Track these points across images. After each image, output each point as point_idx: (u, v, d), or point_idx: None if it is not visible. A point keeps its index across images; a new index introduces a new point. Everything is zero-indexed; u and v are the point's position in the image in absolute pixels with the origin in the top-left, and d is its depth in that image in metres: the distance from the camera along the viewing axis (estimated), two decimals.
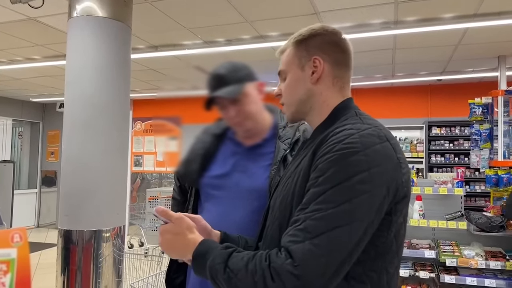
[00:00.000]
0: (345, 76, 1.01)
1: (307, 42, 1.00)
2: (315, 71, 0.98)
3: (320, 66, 0.98)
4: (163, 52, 4.90)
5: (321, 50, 0.98)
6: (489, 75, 6.01)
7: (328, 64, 0.98)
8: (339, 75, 1.00)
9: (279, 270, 0.79)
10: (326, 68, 0.98)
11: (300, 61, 1.00)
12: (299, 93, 1.01)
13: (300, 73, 1.00)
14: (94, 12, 2.71)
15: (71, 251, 2.57)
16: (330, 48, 0.99)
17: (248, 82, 1.39)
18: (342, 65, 1.00)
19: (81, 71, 2.69)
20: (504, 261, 3.19)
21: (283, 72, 1.04)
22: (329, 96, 0.99)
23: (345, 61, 1.01)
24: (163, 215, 0.96)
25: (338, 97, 1.00)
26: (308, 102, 1.00)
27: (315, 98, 1.00)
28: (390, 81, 6.74)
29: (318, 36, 0.99)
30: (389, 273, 0.89)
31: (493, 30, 4.10)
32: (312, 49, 0.99)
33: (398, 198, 0.86)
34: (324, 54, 0.98)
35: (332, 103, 0.99)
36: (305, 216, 0.82)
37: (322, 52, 0.98)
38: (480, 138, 4.01)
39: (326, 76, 0.99)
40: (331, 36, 1.00)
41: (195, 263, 0.91)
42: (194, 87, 7.12)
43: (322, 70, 0.98)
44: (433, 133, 6.61)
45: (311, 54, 0.99)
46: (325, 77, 0.99)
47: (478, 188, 6.31)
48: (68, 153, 2.68)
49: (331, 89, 0.99)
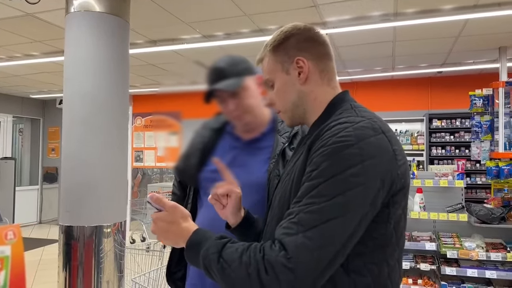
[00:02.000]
0: (329, 67, 1.01)
1: (284, 45, 0.99)
2: (301, 72, 0.98)
3: (305, 66, 0.98)
4: (162, 47, 4.88)
5: (300, 50, 0.98)
6: (489, 67, 5.98)
7: (311, 61, 0.98)
8: (324, 68, 1.00)
9: (273, 262, 0.79)
10: (311, 65, 0.98)
11: (283, 66, 1.00)
12: (291, 97, 1.00)
13: (287, 77, 1.00)
14: (92, 7, 2.70)
15: (72, 247, 2.58)
16: (308, 45, 0.99)
17: (248, 76, 1.39)
18: (323, 57, 1.00)
19: (79, 67, 2.68)
20: (505, 252, 3.20)
21: (269, 81, 1.04)
22: (320, 92, 0.99)
23: (325, 52, 1.00)
24: (157, 203, 0.96)
25: (328, 91, 1.00)
26: (302, 104, 1.00)
27: (307, 98, 1.00)
28: (390, 74, 6.71)
29: (292, 36, 0.99)
30: (390, 265, 0.89)
31: (494, 21, 4.07)
32: (291, 50, 0.99)
33: (395, 190, 0.85)
34: (305, 53, 0.98)
35: (324, 99, 0.99)
36: (299, 209, 0.82)
37: (302, 51, 0.98)
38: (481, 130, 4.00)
39: (313, 74, 0.99)
40: (305, 33, 0.99)
41: (188, 252, 0.92)
42: (193, 82, 7.10)
43: (308, 69, 0.98)
44: (434, 126, 6.59)
45: (292, 56, 0.98)
46: (312, 74, 0.99)
47: (479, 180, 6.31)
48: (68, 149, 2.68)
49: (320, 84, 0.99)
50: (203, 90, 1.39)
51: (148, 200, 0.98)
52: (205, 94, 1.38)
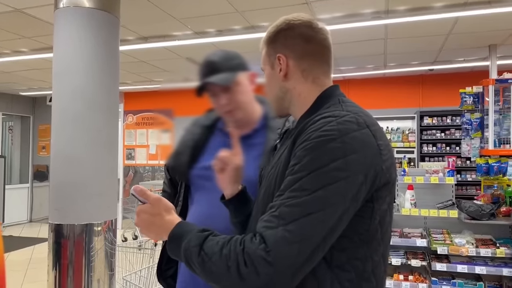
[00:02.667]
0: (316, 67, 0.99)
1: (274, 40, 1.01)
2: (281, 68, 0.99)
3: (283, 63, 0.98)
4: (153, 44, 4.84)
5: (284, 46, 0.98)
6: (480, 65, 6.04)
7: (292, 59, 0.98)
8: (307, 68, 0.98)
9: (252, 255, 0.79)
10: (291, 64, 0.98)
11: (270, 60, 1.02)
12: (275, 91, 1.02)
13: (272, 71, 1.01)
14: (81, 3, 2.66)
15: (62, 246, 2.56)
16: (293, 42, 0.98)
17: (241, 71, 1.39)
18: (309, 57, 0.98)
19: (68, 64, 2.65)
20: (494, 248, 3.24)
21: (263, 70, 1.06)
22: (303, 89, 0.99)
23: (313, 51, 0.98)
24: (141, 195, 0.95)
25: (313, 89, 0.99)
26: (286, 98, 1.01)
27: (291, 93, 1.00)
28: (382, 72, 6.74)
29: (281, 32, 0.99)
30: (375, 261, 0.88)
31: (484, 19, 4.11)
32: (278, 46, 0.99)
33: (379, 185, 0.85)
34: (288, 50, 0.98)
35: (309, 95, 0.99)
36: (280, 203, 0.82)
37: (286, 47, 0.98)
38: (471, 127, 4.03)
39: (293, 72, 0.98)
40: (295, 29, 0.98)
41: (170, 245, 0.91)
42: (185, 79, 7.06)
43: (286, 67, 0.98)
44: (425, 123, 6.65)
45: (276, 52, 0.99)
46: (292, 72, 0.98)
47: (469, 177, 6.38)
48: (57, 146, 2.65)
49: (303, 83, 0.99)
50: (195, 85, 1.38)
51: (132, 192, 0.97)
52: (197, 87, 1.37)
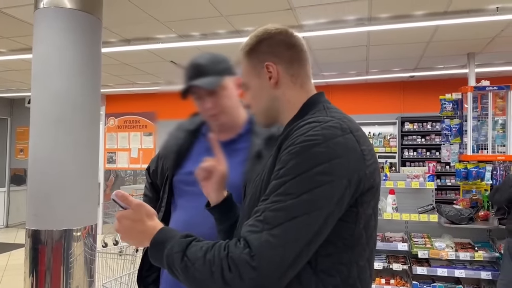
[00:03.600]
0: (302, 72, 1.00)
1: (256, 50, 1.00)
2: (271, 76, 0.98)
3: (274, 71, 0.98)
4: (136, 46, 4.79)
5: (270, 54, 0.99)
6: (459, 72, 6.19)
7: (280, 65, 0.98)
8: (295, 73, 0.99)
9: (237, 260, 0.78)
10: (280, 70, 0.98)
11: (255, 70, 1.01)
12: (264, 101, 1.02)
13: (259, 82, 1.01)
14: (62, 4, 2.61)
15: (39, 252, 2.48)
16: (278, 49, 0.99)
17: (227, 75, 1.38)
18: (294, 62, 0.99)
19: (48, 65, 2.59)
20: (473, 252, 3.30)
21: (245, 84, 1.05)
22: (292, 95, 1.00)
23: (297, 56, 1.00)
24: (122, 200, 0.93)
25: (301, 94, 1.00)
26: (275, 107, 1.01)
27: (280, 101, 1.00)
28: (364, 78, 6.84)
29: (264, 41, 1.00)
30: (360, 266, 0.89)
31: (463, 28, 4.21)
32: (262, 55, 0.99)
33: (363, 190, 0.86)
34: (275, 57, 0.98)
35: (297, 101, 0.99)
36: (265, 207, 0.82)
37: (272, 55, 0.98)
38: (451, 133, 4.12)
39: (283, 78, 0.99)
40: (276, 36, 0.99)
41: (152, 251, 0.89)
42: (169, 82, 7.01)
43: (277, 74, 0.98)
44: (406, 129, 6.76)
45: (262, 61, 0.99)
46: (282, 79, 0.99)
47: (448, 182, 6.51)
48: (36, 149, 2.58)
49: (292, 88, 0.99)
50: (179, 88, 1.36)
51: (112, 197, 0.93)
52: (182, 90, 1.36)
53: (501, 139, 3.90)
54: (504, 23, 4.06)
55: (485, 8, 3.73)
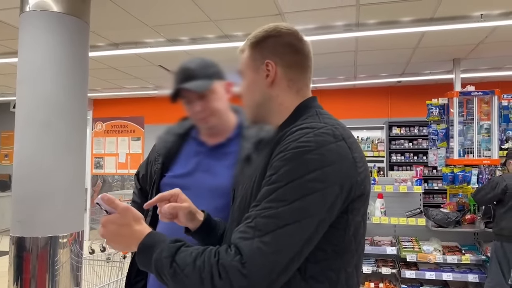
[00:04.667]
0: (301, 79, 0.99)
1: (261, 45, 0.99)
2: (268, 75, 0.97)
3: (272, 70, 0.96)
4: (124, 50, 4.75)
5: (274, 53, 0.97)
6: (445, 77, 6.29)
7: (280, 67, 0.97)
8: (293, 78, 0.98)
9: (227, 267, 0.77)
10: (279, 71, 0.97)
11: (255, 64, 0.99)
12: (255, 96, 1.00)
13: (255, 76, 0.99)
14: (49, 7, 2.58)
15: (24, 259, 2.43)
16: (283, 51, 0.97)
17: (217, 79, 1.38)
18: (296, 67, 0.98)
19: (33, 69, 2.55)
20: (460, 255, 3.34)
21: (241, 73, 1.04)
22: (286, 99, 0.99)
23: (300, 63, 0.98)
24: (108, 204, 0.90)
25: (295, 99, 0.99)
26: (266, 105, 0.99)
27: (272, 101, 0.99)
28: (352, 83, 6.90)
29: (271, 38, 0.98)
30: (348, 272, 0.88)
31: (448, 34, 4.29)
32: (266, 52, 0.98)
33: (354, 197, 0.86)
34: (277, 57, 0.97)
35: (290, 105, 0.98)
36: (256, 213, 0.81)
37: (275, 55, 0.97)
38: (437, 138, 4.18)
39: (280, 80, 0.97)
40: (284, 37, 0.98)
41: (140, 256, 0.88)
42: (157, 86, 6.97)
43: (275, 74, 0.97)
44: (393, 133, 6.83)
45: (264, 57, 0.97)
46: (279, 80, 0.97)
47: (435, 186, 6.58)
48: (21, 154, 2.53)
49: (287, 92, 0.98)
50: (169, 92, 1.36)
51: (97, 201, 0.90)
52: (172, 93, 1.36)
53: (486, 143, 3.97)
54: (488, 29, 4.15)
55: (470, 15, 3.81)
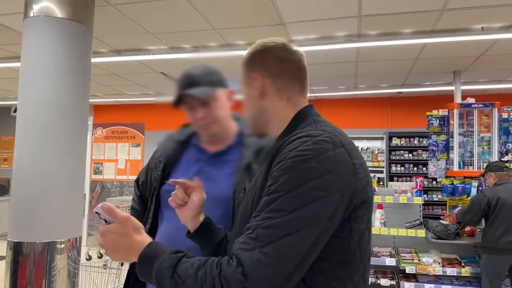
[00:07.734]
0: (290, 86, 1.00)
1: (249, 60, 1.04)
2: (257, 87, 1.01)
3: (258, 82, 1.00)
4: (127, 57, 4.77)
5: (260, 66, 1.01)
6: (445, 89, 6.31)
7: (268, 78, 1.00)
8: (282, 87, 1.00)
9: (230, 279, 0.76)
10: (267, 82, 1.00)
11: (247, 80, 1.04)
12: (251, 110, 1.04)
13: (249, 91, 1.04)
14: (53, 13, 2.60)
15: (21, 265, 2.41)
16: (268, 62, 1.00)
17: (220, 87, 1.39)
18: (284, 76, 1.00)
19: (36, 74, 2.55)
20: (459, 267, 3.32)
21: (240, 90, 1.09)
22: (278, 108, 1.00)
23: (287, 71, 1.00)
24: (108, 213, 0.89)
25: (288, 108, 1.00)
26: (262, 117, 1.02)
27: (266, 112, 1.02)
28: (353, 93, 6.92)
29: (257, 53, 1.02)
30: (354, 282, 0.87)
31: (449, 46, 4.31)
32: (254, 66, 1.02)
33: (356, 204, 0.85)
34: (263, 70, 1.00)
35: (284, 114, 1.00)
36: (256, 224, 0.81)
37: (262, 68, 1.01)
38: (437, 149, 4.18)
39: (269, 90, 1.00)
40: (269, 50, 1.01)
41: (140, 267, 0.87)
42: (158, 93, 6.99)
43: (262, 86, 1.00)
44: (393, 144, 6.83)
45: (252, 72, 1.02)
46: (268, 91, 1.00)
47: (435, 197, 6.56)
48: (21, 159, 2.53)
49: (278, 101, 1.00)
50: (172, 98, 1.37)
51: (96, 210, 0.89)
52: (174, 99, 1.36)
53: (486, 155, 3.97)
54: (489, 42, 4.17)
55: (471, 27, 3.83)
